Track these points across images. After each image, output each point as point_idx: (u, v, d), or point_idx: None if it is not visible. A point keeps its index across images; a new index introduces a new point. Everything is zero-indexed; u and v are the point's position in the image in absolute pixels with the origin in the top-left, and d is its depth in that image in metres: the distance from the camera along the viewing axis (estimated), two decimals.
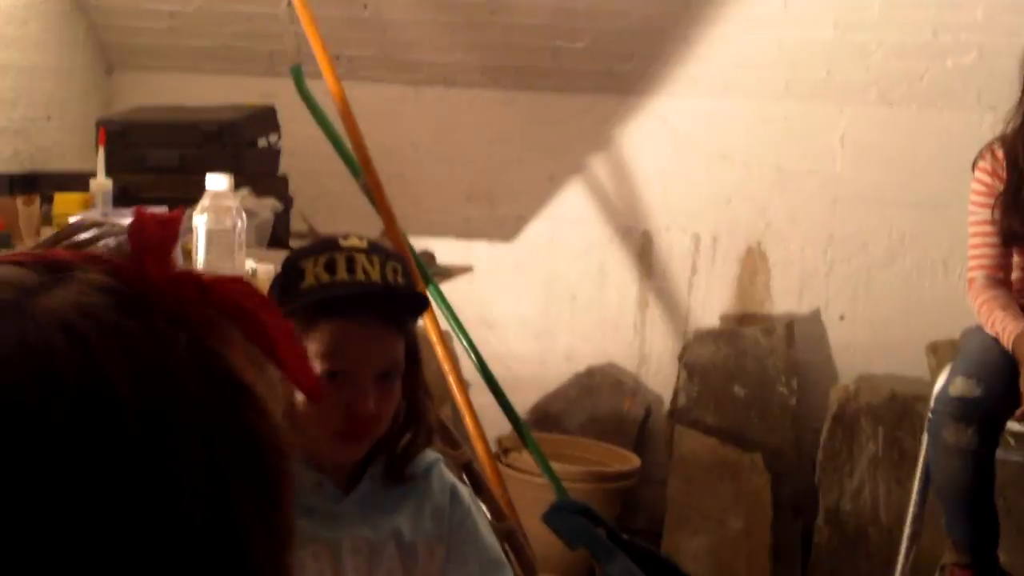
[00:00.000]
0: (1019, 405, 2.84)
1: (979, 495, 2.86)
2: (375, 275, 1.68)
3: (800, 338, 4.01)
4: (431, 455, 1.84)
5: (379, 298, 1.69)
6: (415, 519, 1.79)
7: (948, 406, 2.82)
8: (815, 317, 4.04)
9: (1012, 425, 3.17)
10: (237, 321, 0.64)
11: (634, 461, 3.94)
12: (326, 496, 1.74)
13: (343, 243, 1.71)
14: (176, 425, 0.60)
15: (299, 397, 1.68)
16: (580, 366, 4.21)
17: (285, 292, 1.71)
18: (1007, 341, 2.84)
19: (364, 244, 1.72)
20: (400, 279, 1.71)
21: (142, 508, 0.59)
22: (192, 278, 0.63)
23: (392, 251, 1.78)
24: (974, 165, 3.04)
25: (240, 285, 0.64)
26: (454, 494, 1.84)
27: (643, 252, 4.17)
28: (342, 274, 1.67)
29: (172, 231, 0.64)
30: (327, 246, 1.72)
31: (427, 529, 1.79)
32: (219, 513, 0.61)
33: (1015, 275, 3.05)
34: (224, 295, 0.64)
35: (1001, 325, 2.86)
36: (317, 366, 1.68)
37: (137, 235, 0.63)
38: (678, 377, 4.00)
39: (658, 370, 4.16)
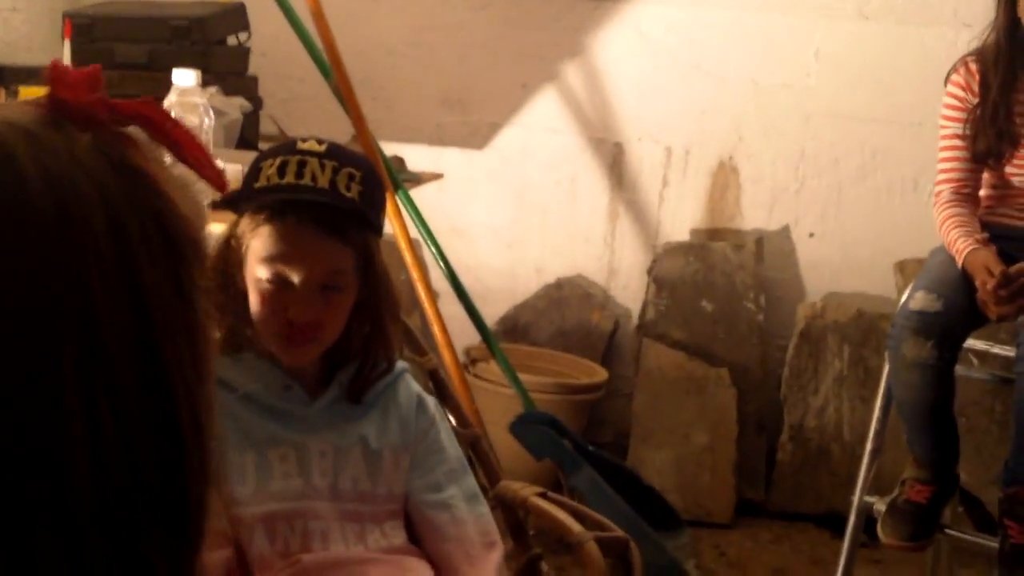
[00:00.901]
0: (978, 321, 2.87)
1: (938, 410, 2.89)
2: (323, 181, 1.65)
3: (769, 254, 4.00)
4: (398, 365, 1.84)
5: (320, 205, 1.66)
6: (381, 428, 1.80)
7: (908, 320, 2.84)
8: (784, 233, 4.04)
9: (975, 343, 3.20)
10: (142, 126, 0.77)
11: (601, 374, 3.95)
12: (294, 399, 1.75)
13: (300, 146, 1.69)
14: (80, 199, 0.71)
15: (250, 294, 1.69)
16: (549, 277, 4.20)
17: (244, 190, 1.71)
18: (959, 260, 2.86)
19: (322, 148, 1.69)
20: (353, 187, 1.67)
21: (49, 273, 0.69)
22: (103, 100, 0.76)
23: (355, 156, 1.75)
24: (947, 78, 3.02)
25: (146, 102, 0.78)
26: (420, 404, 1.86)
27: (615, 163, 4.14)
28: (289, 178, 1.66)
29: (93, 78, 0.77)
30: (285, 148, 1.71)
31: (392, 438, 1.81)
32: (126, 281, 0.71)
33: (984, 192, 3.05)
34: (130, 108, 0.77)
35: (956, 244, 2.88)
36: (261, 270, 1.67)
37: (57, 76, 0.76)
38: (647, 290, 3.99)
39: (627, 283, 4.15)
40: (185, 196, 0.77)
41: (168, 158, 0.79)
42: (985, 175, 3.03)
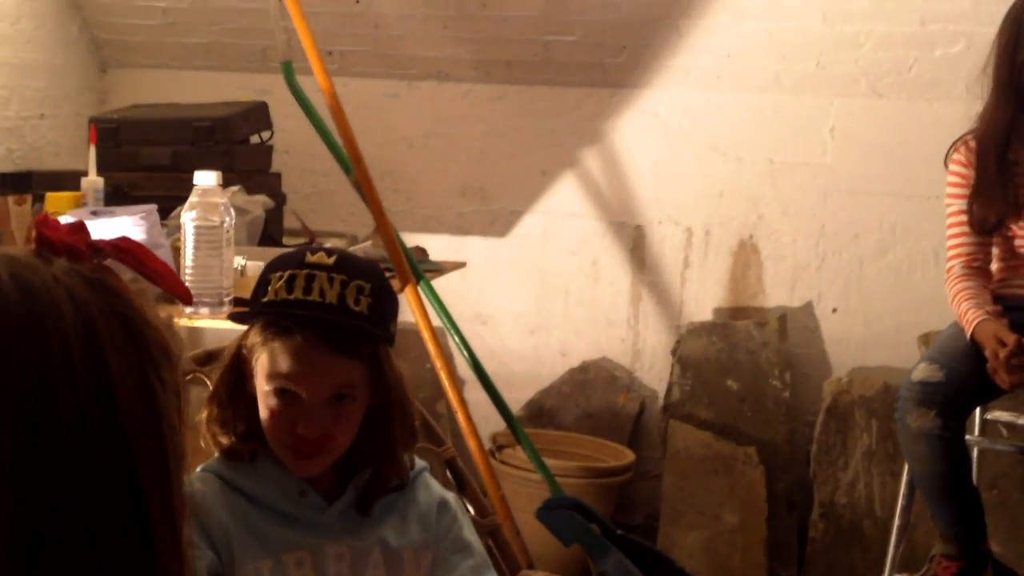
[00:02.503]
0: (988, 392, 2.88)
1: (954, 482, 2.89)
2: (331, 296, 1.65)
3: (793, 331, 4.01)
4: (417, 465, 1.83)
5: (328, 321, 1.66)
6: (401, 527, 1.78)
7: (911, 391, 2.87)
8: (808, 310, 4.05)
9: (1001, 414, 3.20)
10: (117, 257, 0.89)
11: (628, 456, 3.95)
12: (310, 505, 1.73)
13: (309, 259, 1.69)
14: (51, 302, 0.83)
15: (260, 405, 1.69)
16: (574, 361, 4.21)
17: (253, 302, 1.71)
18: (969, 330, 2.89)
19: (331, 261, 1.68)
20: (363, 301, 1.66)
21: (18, 360, 0.81)
22: (83, 237, 0.89)
23: (365, 267, 1.73)
24: (947, 158, 3.07)
25: (123, 238, 0.93)
26: (442, 503, 1.83)
27: (636, 246, 4.17)
28: (297, 293, 1.65)
29: (78, 225, 0.89)
30: (294, 260, 1.70)
31: (413, 536, 1.78)
32: (93, 370, 0.82)
33: (995, 265, 3.08)
34: (107, 242, 0.89)
35: (966, 316, 2.91)
36: (268, 384, 1.67)
37: (43, 221, 0.88)
38: (672, 371, 4.00)
39: (652, 364, 4.17)
40: (153, 309, 0.90)
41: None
42: (995, 249, 3.06)
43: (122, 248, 0.92)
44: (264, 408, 1.68)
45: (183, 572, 0.85)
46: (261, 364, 1.68)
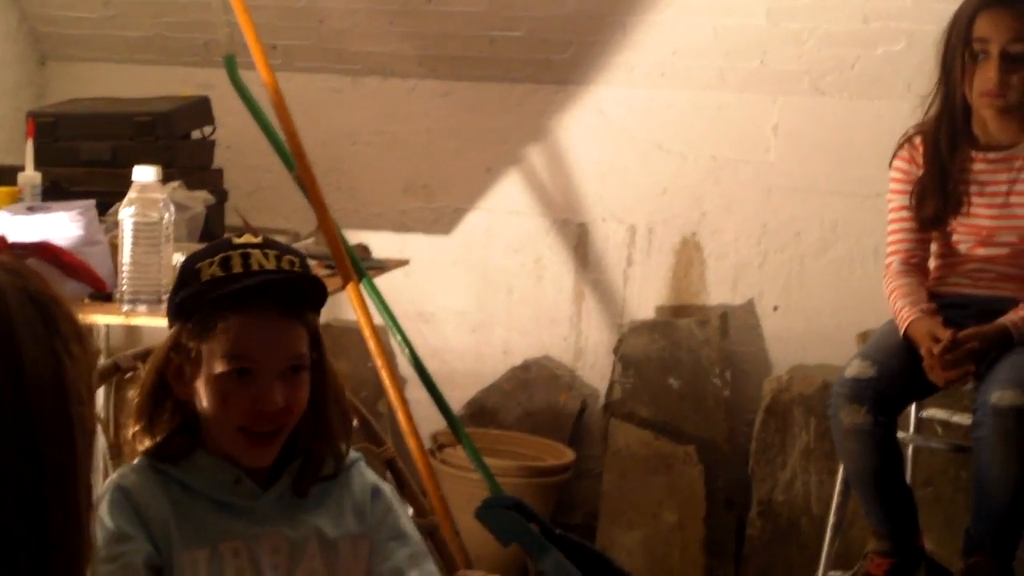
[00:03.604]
0: (920, 388, 2.92)
1: (885, 479, 2.92)
2: (271, 267, 1.68)
3: (734, 329, 4.03)
4: (351, 455, 1.84)
5: (278, 288, 1.69)
6: (336, 517, 1.79)
7: (842, 387, 2.90)
8: (749, 307, 4.07)
9: (935, 412, 3.25)
10: (39, 256, 1.08)
11: (569, 455, 3.95)
12: (244, 493, 1.74)
13: (236, 241, 1.71)
14: None
15: (203, 398, 1.69)
16: (516, 359, 4.21)
17: (182, 294, 1.71)
18: (902, 327, 2.94)
19: (259, 240, 1.72)
20: (297, 269, 1.71)
21: None
22: (2, 239, 1.11)
23: (288, 247, 1.78)
24: (893, 155, 3.11)
25: (43, 242, 1.13)
26: (376, 491, 1.84)
27: (579, 244, 4.18)
28: (238, 269, 1.67)
29: None
30: (221, 246, 1.72)
31: (349, 526, 1.79)
32: (3, 343, 0.88)
33: (933, 262, 3.12)
34: (26, 244, 1.10)
35: (900, 313, 2.96)
36: (222, 365, 1.67)
37: None
38: (613, 369, 4.02)
39: (594, 363, 4.18)
40: (65, 294, 0.96)
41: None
42: (933, 246, 3.10)
43: (42, 247, 1.02)
44: (214, 396, 1.68)
45: (81, 539, 0.89)
46: (210, 351, 1.68)
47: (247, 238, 1.72)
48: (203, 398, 1.70)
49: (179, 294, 1.71)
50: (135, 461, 1.73)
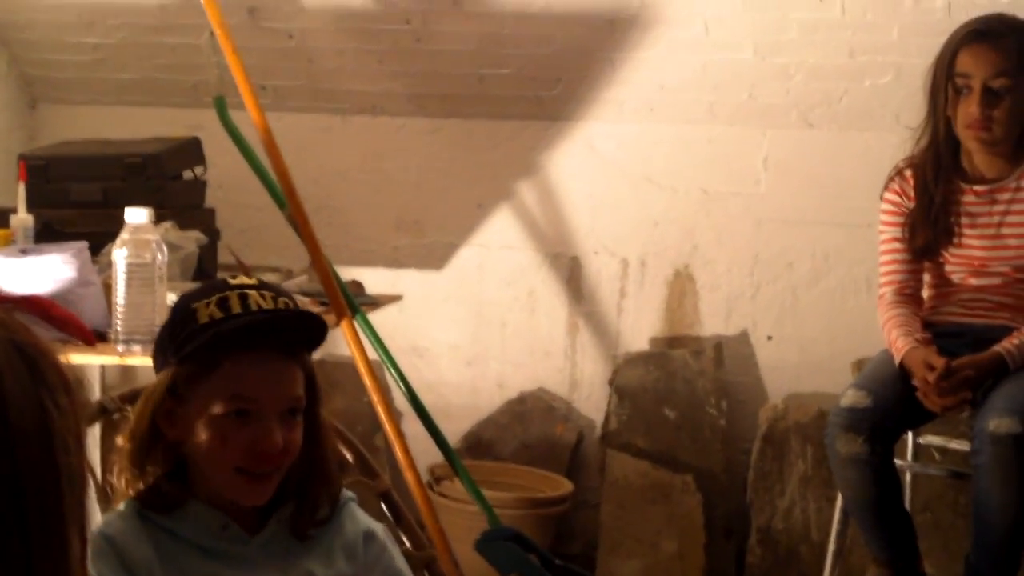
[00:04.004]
0: (916, 417, 2.93)
1: (884, 507, 2.92)
2: (269, 307, 1.67)
3: (729, 359, 4.04)
4: (344, 495, 1.82)
5: (277, 329, 1.68)
6: (326, 559, 1.77)
7: (838, 417, 2.91)
8: (743, 338, 4.08)
9: (933, 439, 3.25)
10: (27, 309, 0.97)
11: (567, 486, 3.95)
12: (232, 539, 1.71)
13: (232, 282, 1.70)
14: None
15: (199, 440, 1.67)
16: (512, 392, 4.21)
17: (179, 334, 1.68)
18: (898, 357, 2.95)
19: (253, 281, 1.72)
20: (293, 310, 1.71)
21: None
22: None
23: (281, 288, 1.79)
24: (884, 188, 3.13)
25: (33, 296, 1.10)
26: (369, 534, 1.82)
27: (572, 277, 4.19)
28: (237, 309, 1.66)
29: None
30: (217, 287, 1.71)
31: (340, 568, 1.77)
32: None
33: (926, 292, 3.14)
34: (14, 297, 0.98)
35: (896, 343, 2.97)
36: (221, 406, 1.65)
37: None
38: (609, 401, 4.02)
39: (589, 394, 4.18)
40: (53, 346, 0.95)
41: None
42: (927, 276, 3.12)
43: (29, 300, 1.03)
44: (212, 437, 1.65)
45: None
46: (208, 392, 1.66)
47: (242, 279, 1.71)
48: (199, 440, 1.67)
49: (176, 338, 1.68)
50: (121, 507, 1.71)
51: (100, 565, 1.63)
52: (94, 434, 2.07)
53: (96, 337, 2.68)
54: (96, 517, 1.81)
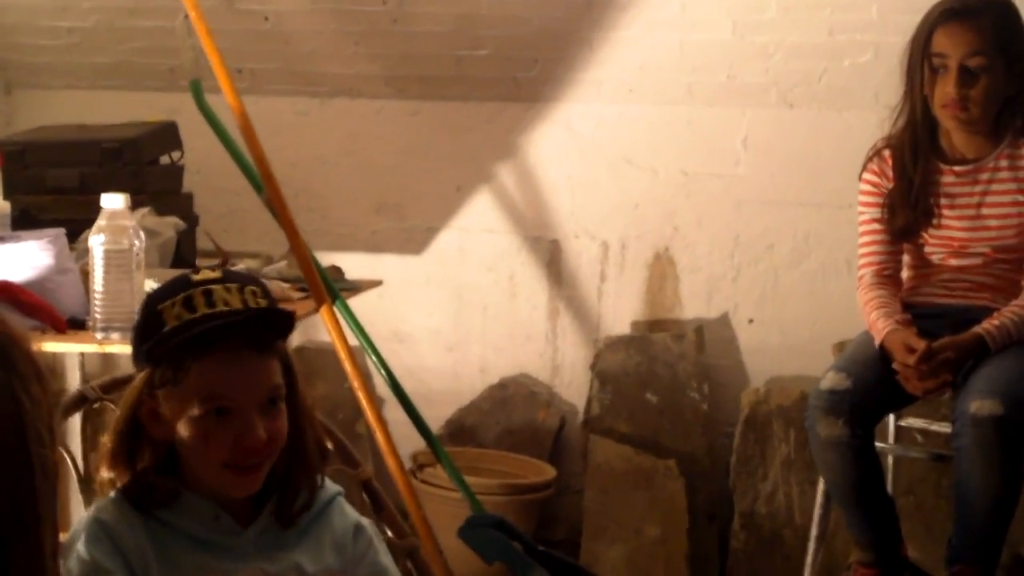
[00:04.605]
0: (897, 399, 2.92)
1: (865, 489, 2.92)
2: (236, 303, 1.66)
3: (710, 342, 4.03)
4: (331, 489, 1.83)
5: (246, 325, 1.66)
6: (316, 553, 1.77)
7: (818, 399, 2.90)
8: (724, 321, 4.07)
9: (914, 421, 3.25)
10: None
11: (549, 472, 3.94)
12: (224, 530, 1.71)
13: (196, 278, 1.68)
14: None
15: (184, 439, 1.67)
16: (493, 378, 4.20)
17: (147, 339, 1.67)
18: (879, 339, 2.94)
19: (218, 274, 1.70)
20: (261, 301, 1.69)
21: None
22: None
23: (247, 275, 1.77)
24: (863, 168, 3.11)
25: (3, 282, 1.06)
26: (357, 528, 1.83)
27: (552, 261, 4.17)
28: (203, 309, 1.64)
29: None
30: (180, 284, 1.68)
31: (328, 562, 1.78)
32: None
33: (906, 273, 3.13)
34: None
35: (876, 324, 2.96)
36: (199, 408, 1.64)
37: None
38: (591, 386, 4.01)
39: (571, 379, 4.17)
40: (28, 335, 0.94)
41: None
42: (906, 257, 3.11)
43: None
44: (196, 437, 1.65)
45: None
46: (184, 394, 1.65)
47: (205, 274, 1.70)
48: (184, 438, 1.67)
49: (144, 342, 1.67)
50: (112, 494, 1.70)
51: (95, 549, 1.63)
52: (75, 424, 2.06)
53: (74, 325, 2.66)
54: (79, 509, 1.81)
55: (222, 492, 1.70)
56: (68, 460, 1.96)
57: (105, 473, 1.70)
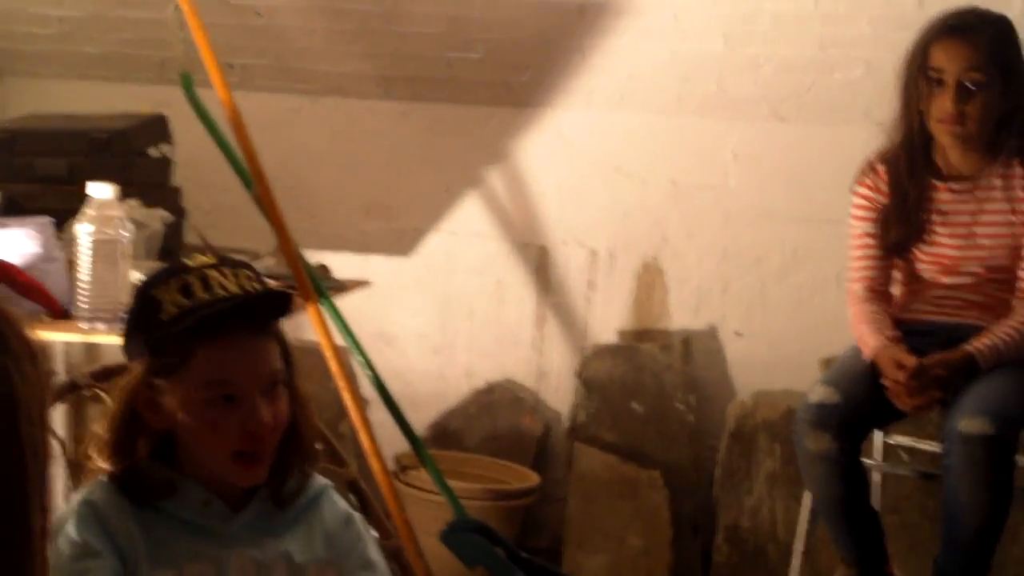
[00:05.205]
0: (885, 414, 2.91)
1: (852, 505, 2.91)
2: (233, 287, 1.66)
3: (697, 354, 4.02)
4: (321, 482, 1.82)
5: (246, 309, 1.66)
6: (306, 543, 1.77)
7: (806, 413, 2.89)
8: (712, 332, 4.06)
9: (901, 439, 3.24)
10: None
11: (533, 479, 3.92)
12: (214, 515, 1.71)
13: (191, 263, 1.68)
14: None
15: (189, 428, 1.66)
16: (479, 382, 4.18)
17: (144, 326, 1.67)
18: (869, 354, 2.93)
19: (213, 259, 1.70)
20: (256, 285, 1.69)
21: None
22: None
23: (239, 260, 1.77)
24: (856, 182, 3.10)
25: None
26: (347, 520, 1.83)
27: (540, 267, 4.15)
28: (200, 295, 1.64)
29: None
30: (176, 270, 1.68)
31: (318, 553, 1.77)
32: None
33: (897, 290, 3.12)
34: None
35: (866, 339, 2.96)
36: (204, 394, 1.64)
37: None
38: (576, 393, 3.99)
39: (557, 386, 4.15)
40: (19, 314, 0.92)
41: None
42: (897, 274, 3.10)
43: None
44: (203, 425, 1.65)
45: (34, 562, 0.86)
46: (187, 382, 1.65)
47: (200, 259, 1.70)
48: (190, 428, 1.66)
49: (143, 330, 1.67)
50: (102, 477, 1.69)
51: (85, 531, 1.62)
52: (61, 409, 2.04)
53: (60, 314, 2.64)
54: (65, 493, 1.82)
55: (226, 481, 1.70)
56: (56, 445, 1.95)
57: (100, 463, 1.69)
